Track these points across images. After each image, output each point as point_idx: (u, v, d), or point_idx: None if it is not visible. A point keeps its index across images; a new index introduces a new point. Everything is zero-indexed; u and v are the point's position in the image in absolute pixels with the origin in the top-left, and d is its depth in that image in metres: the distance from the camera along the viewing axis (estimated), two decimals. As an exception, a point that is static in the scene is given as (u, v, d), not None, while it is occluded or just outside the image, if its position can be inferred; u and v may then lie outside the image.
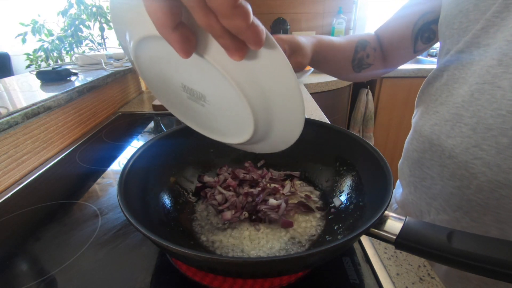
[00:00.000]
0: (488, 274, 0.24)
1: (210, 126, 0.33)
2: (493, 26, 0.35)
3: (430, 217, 0.46)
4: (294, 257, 0.24)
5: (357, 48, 0.55)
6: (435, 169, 0.43)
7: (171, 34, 0.19)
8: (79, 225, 0.43)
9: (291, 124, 0.28)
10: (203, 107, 0.30)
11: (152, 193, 0.39)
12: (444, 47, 0.44)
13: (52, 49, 1.83)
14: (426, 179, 0.45)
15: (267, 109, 0.26)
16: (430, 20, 0.48)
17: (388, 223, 0.28)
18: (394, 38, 0.55)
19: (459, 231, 0.25)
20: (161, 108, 0.94)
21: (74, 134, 0.76)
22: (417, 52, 0.53)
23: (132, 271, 0.35)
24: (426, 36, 0.50)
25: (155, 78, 0.30)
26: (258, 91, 0.25)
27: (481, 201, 0.37)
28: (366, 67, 0.57)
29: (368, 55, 0.56)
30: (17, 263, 0.37)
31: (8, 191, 0.53)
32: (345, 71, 0.58)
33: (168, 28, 0.19)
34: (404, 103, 1.65)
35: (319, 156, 0.47)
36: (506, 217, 0.36)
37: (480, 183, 0.37)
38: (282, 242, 0.37)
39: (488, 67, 0.35)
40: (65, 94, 0.71)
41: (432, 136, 0.43)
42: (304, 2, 1.93)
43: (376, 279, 0.34)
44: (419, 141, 0.46)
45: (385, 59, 0.58)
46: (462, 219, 0.41)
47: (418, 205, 0.48)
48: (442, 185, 0.42)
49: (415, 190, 0.49)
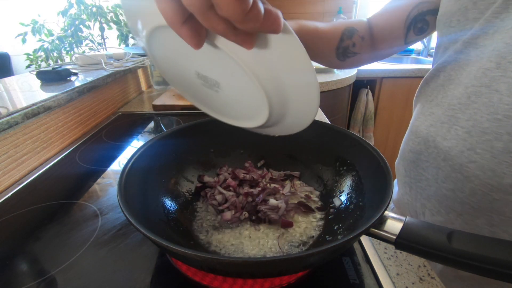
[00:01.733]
0: (488, 274, 0.24)
1: (225, 111, 0.34)
2: (492, 27, 0.35)
3: (425, 218, 0.46)
4: (294, 257, 0.24)
5: (343, 36, 0.53)
6: (430, 171, 0.43)
7: (181, 28, 0.19)
8: (79, 225, 0.43)
9: (306, 106, 0.27)
10: (217, 93, 0.30)
11: (152, 193, 0.39)
12: (441, 45, 0.44)
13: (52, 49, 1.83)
14: (421, 180, 0.45)
15: (282, 93, 0.26)
16: (424, 10, 0.47)
17: (388, 223, 0.28)
18: (386, 26, 0.52)
19: (459, 231, 0.25)
20: (161, 108, 0.94)
21: (74, 134, 0.76)
22: (408, 43, 0.51)
23: (132, 271, 0.35)
24: (419, 27, 0.48)
25: (169, 66, 0.31)
26: (272, 76, 0.25)
27: (474, 204, 0.37)
28: (351, 55, 0.55)
29: (354, 44, 0.53)
30: (17, 263, 0.37)
31: (8, 191, 0.53)
32: (328, 59, 0.56)
33: (178, 22, 0.19)
34: (404, 103, 1.65)
35: (319, 156, 0.47)
36: (499, 221, 0.36)
37: (473, 186, 0.37)
38: (282, 242, 0.37)
39: (485, 69, 0.35)
40: (65, 94, 0.71)
41: (428, 138, 0.43)
42: (304, 2, 1.93)
43: (376, 279, 0.34)
44: (415, 142, 0.46)
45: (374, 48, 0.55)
46: (456, 221, 0.41)
47: (413, 206, 0.48)
48: (437, 187, 0.42)
49: (410, 191, 0.49)
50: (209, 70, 0.28)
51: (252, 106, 0.29)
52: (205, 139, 0.48)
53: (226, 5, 0.16)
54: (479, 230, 0.38)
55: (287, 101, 0.27)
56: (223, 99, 0.31)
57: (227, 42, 0.22)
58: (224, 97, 0.30)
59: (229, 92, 0.29)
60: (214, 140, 0.49)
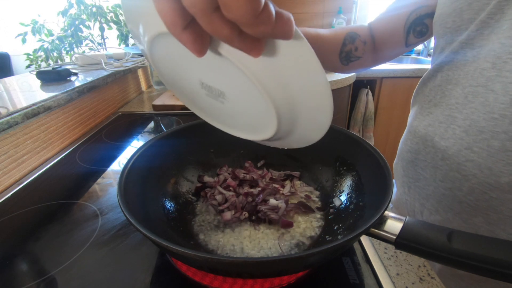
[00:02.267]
0: (488, 274, 0.24)
1: (231, 123, 0.32)
2: (487, 27, 0.35)
3: (423, 217, 0.46)
4: (294, 257, 0.24)
5: (345, 41, 0.54)
6: (428, 171, 0.43)
7: (182, 34, 0.18)
8: (79, 225, 0.43)
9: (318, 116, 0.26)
10: (223, 104, 0.28)
11: (152, 193, 0.39)
12: (438, 46, 0.44)
13: (52, 49, 1.83)
14: (419, 180, 0.46)
15: (291, 102, 0.25)
16: (423, 14, 0.47)
17: (388, 223, 0.28)
18: (386, 30, 0.53)
19: (459, 231, 0.25)
20: (161, 108, 0.94)
21: (74, 134, 0.76)
22: (409, 46, 0.52)
23: (132, 271, 0.35)
24: (418, 30, 0.49)
25: (172, 74, 0.29)
26: (280, 85, 0.23)
27: (472, 203, 0.38)
28: (354, 59, 0.56)
29: (356, 48, 0.54)
30: (17, 263, 0.37)
31: (8, 191, 0.53)
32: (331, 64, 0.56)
33: (178, 27, 0.17)
34: (404, 103, 1.65)
35: (319, 156, 0.47)
36: (496, 219, 0.36)
37: (471, 185, 0.37)
38: (282, 243, 0.37)
39: (481, 69, 0.36)
40: (65, 94, 0.71)
41: (426, 137, 0.43)
42: (304, 2, 1.93)
43: (376, 279, 0.34)
44: (413, 142, 0.46)
45: (376, 51, 0.57)
46: (454, 220, 0.41)
47: (412, 205, 0.49)
48: (435, 186, 0.42)
49: (408, 191, 0.49)
50: (214, 79, 0.26)
51: (260, 117, 0.27)
52: (205, 139, 0.48)
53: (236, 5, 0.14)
54: (477, 228, 0.39)
55: (298, 111, 0.26)
56: (229, 110, 0.29)
57: (231, 50, 0.20)
58: (230, 108, 0.28)
59: (235, 102, 0.27)
60: (214, 140, 0.49)
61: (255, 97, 0.24)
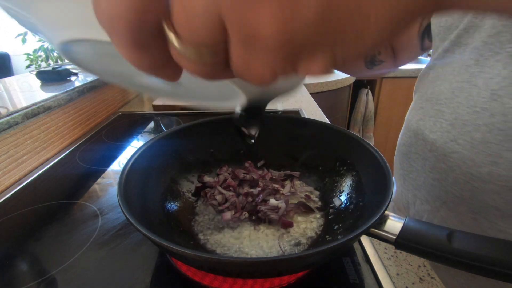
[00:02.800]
0: (488, 274, 0.24)
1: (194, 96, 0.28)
2: (472, 26, 0.37)
3: (415, 207, 0.48)
4: (294, 257, 0.24)
5: None
6: (419, 162, 0.45)
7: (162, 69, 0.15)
8: (79, 225, 0.43)
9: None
10: (181, 86, 0.24)
11: (152, 193, 0.39)
12: (435, 45, 0.46)
13: (52, 49, 1.83)
14: (412, 171, 0.48)
15: None
16: None
17: (388, 223, 0.28)
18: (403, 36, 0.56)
19: (459, 231, 0.25)
20: (161, 108, 0.94)
21: (74, 134, 0.76)
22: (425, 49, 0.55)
23: (132, 271, 0.35)
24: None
25: (105, 72, 0.24)
26: None
27: (457, 193, 0.40)
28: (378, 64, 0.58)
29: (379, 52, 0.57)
30: (17, 263, 0.37)
31: (8, 191, 0.53)
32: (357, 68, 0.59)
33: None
34: (404, 103, 1.65)
35: (319, 156, 0.47)
36: (479, 208, 0.38)
37: (456, 176, 0.39)
38: (282, 242, 0.37)
39: (466, 66, 0.38)
40: (65, 94, 0.71)
41: (417, 131, 0.45)
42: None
43: (376, 279, 0.34)
44: (407, 135, 0.49)
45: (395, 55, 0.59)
46: (441, 209, 0.43)
47: (406, 197, 0.51)
48: (425, 177, 0.45)
49: (404, 182, 0.51)
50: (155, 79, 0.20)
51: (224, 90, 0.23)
52: (205, 139, 0.48)
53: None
54: (462, 217, 0.41)
55: None
56: (186, 90, 0.25)
57: None
58: (187, 89, 0.25)
59: (193, 85, 0.23)
60: (214, 140, 0.49)
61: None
